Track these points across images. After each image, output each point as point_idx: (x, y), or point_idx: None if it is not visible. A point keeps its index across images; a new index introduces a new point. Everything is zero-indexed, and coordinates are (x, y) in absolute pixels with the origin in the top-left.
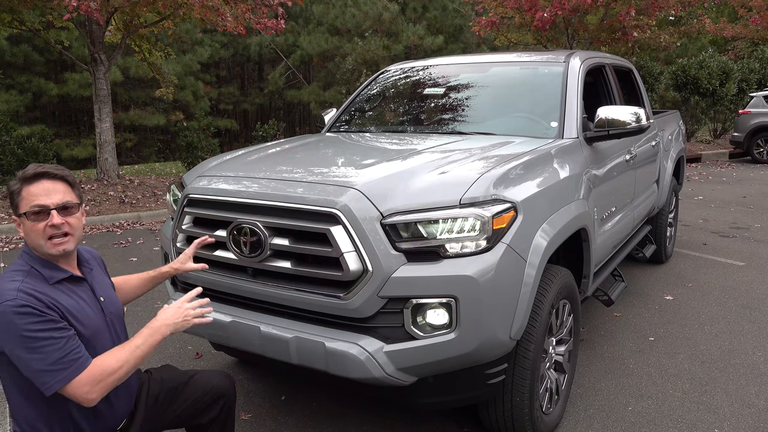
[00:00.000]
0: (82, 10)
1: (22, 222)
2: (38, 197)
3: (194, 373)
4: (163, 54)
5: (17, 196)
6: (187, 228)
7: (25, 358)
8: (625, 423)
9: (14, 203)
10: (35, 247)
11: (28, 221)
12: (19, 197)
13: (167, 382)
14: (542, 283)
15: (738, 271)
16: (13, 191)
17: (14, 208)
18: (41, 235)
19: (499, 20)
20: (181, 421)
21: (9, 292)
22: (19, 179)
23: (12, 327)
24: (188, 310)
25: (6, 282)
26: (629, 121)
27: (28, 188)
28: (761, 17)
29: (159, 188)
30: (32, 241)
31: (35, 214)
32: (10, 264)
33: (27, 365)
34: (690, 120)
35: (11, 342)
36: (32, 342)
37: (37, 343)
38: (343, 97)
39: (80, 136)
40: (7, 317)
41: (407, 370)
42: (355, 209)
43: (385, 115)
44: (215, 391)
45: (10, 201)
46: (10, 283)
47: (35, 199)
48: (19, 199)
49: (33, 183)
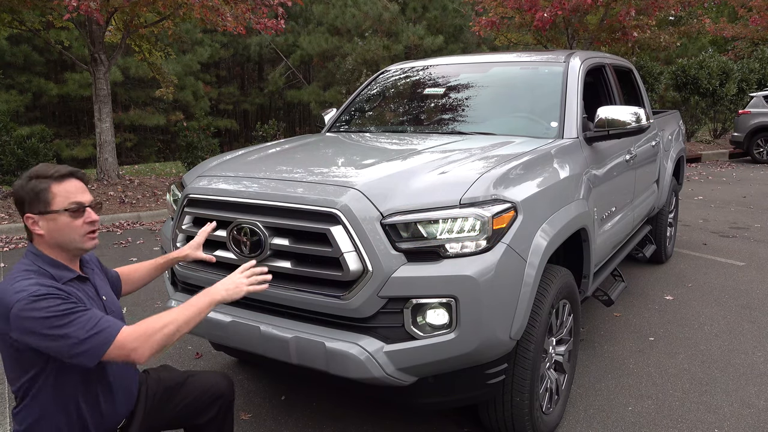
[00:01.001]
0: (82, 10)
1: (54, 219)
2: (75, 195)
3: (192, 374)
4: (163, 54)
5: (46, 193)
6: (187, 228)
7: (62, 335)
8: (625, 423)
9: (42, 200)
10: (67, 243)
11: (65, 218)
12: (50, 194)
13: (165, 381)
14: (542, 283)
15: (738, 271)
16: (40, 189)
17: (41, 204)
18: (78, 230)
19: (499, 20)
20: (180, 421)
21: (27, 287)
22: (46, 177)
23: (39, 313)
24: (242, 280)
25: (21, 280)
26: (629, 121)
27: (60, 186)
28: (761, 17)
29: (159, 188)
30: (66, 237)
31: (74, 211)
32: (10, 264)
33: (66, 341)
34: (690, 120)
35: (42, 327)
36: (63, 318)
37: (69, 317)
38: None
39: (80, 136)
40: (32, 306)
41: (407, 370)
42: (355, 209)
43: (385, 115)
44: (213, 391)
45: (33, 199)
46: (25, 281)
47: (72, 197)
48: (51, 196)
49: (64, 181)
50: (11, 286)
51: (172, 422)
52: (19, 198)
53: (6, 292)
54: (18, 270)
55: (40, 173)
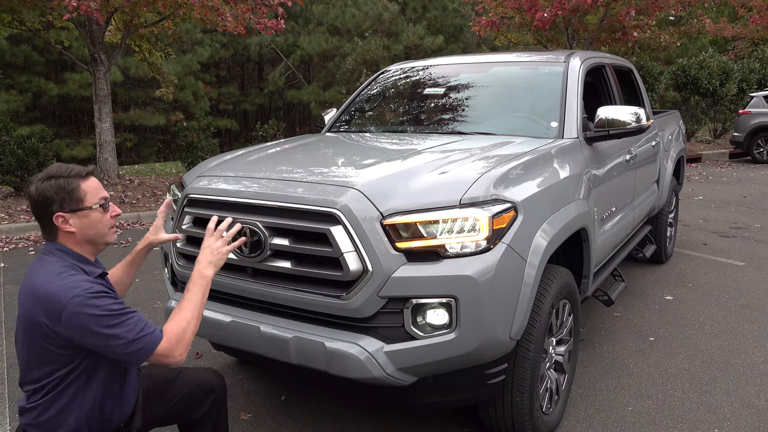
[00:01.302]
0: (82, 10)
1: (86, 215)
2: (100, 191)
3: (181, 370)
4: (163, 54)
5: (78, 191)
6: (187, 228)
7: (113, 334)
8: (625, 423)
9: (75, 198)
10: (97, 238)
11: (97, 213)
12: (82, 192)
13: (156, 378)
14: (542, 283)
15: (738, 271)
16: (72, 188)
17: (75, 202)
18: (107, 225)
19: (499, 20)
20: (173, 417)
21: (81, 283)
22: (71, 176)
23: (95, 311)
24: (219, 245)
25: (67, 277)
26: (629, 121)
27: (87, 183)
28: (761, 17)
29: (159, 188)
30: (97, 232)
31: (103, 207)
32: (10, 264)
33: (116, 341)
34: (690, 120)
35: (96, 325)
36: (118, 317)
37: (122, 317)
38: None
39: (80, 136)
40: (89, 302)
41: (407, 370)
42: (355, 209)
43: (385, 115)
44: (205, 386)
45: (67, 198)
46: (71, 277)
47: (100, 192)
48: (83, 194)
49: (89, 179)
50: (60, 282)
51: (166, 417)
52: (46, 198)
53: (54, 288)
54: (53, 267)
55: (61, 173)
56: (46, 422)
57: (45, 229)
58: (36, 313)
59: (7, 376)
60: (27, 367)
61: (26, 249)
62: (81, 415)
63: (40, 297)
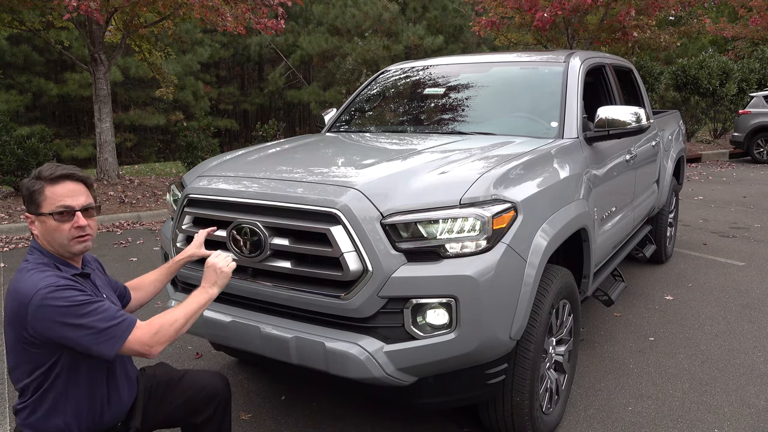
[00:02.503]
0: (82, 10)
1: (43, 221)
2: (64, 198)
3: (186, 372)
4: (163, 54)
5: (39, 195)
6: (187, 228)
7: (82, 324)
8: (625, 423)
9: (34, 201)
10: (56, 246)
11: (53, 221)
12: (42, 196)
13: (160, 378)
14: (542, 283)
15: (738, 271)
16: (33, 190)
17: (33, 206)
18: (66, 235)
19: (499, 20)
20: (174, 420)
21: (48, 279)
22: (41, 178)
23: (60, 302)
24: (222, 266)
25: (36, 273)
26: (629, 121)
27: (52, 188)
28: (761, 17)
29: (159, 188)
30: (54, 240)
31: (60, 215)
32: (10, 264)
33: (86, 331)
34: (690, 120)
35: (63, 316)
36: (84, 307)
37: (90, 306)
38: (343, 97)
39: (80, 136)
40: (53, 295)
41: (407, 370)
42: (355, 209)
43: (385, 115)
44: (208, 390)
45: (28, 199)
46: (40, 273)
47: (61, 200)
48: (42, 199)
49: (58, 183)
50: (28, 278)
51: (168, 420)
52: (22, 196)
53: (23, 285)
54: (29, 265)
55: (41, 174)
56: (36, 423)
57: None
58: (10, 310)
59: (7, 377)
60: (13, 367)
61: (26, 249)
62: (69, 416)
63: (11, 294)
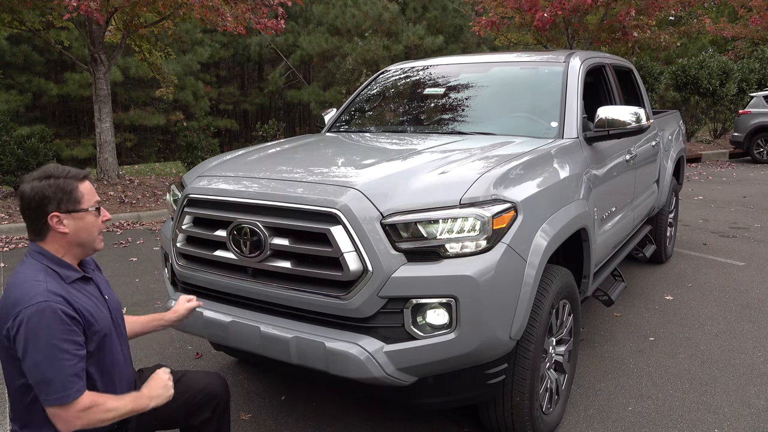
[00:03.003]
0: (82, 10)
1: (82, 217)
2: (93, 194)
3: (185, 373)
4: (163, 54)
5: (75, 192)
6: (187, 228)
7: (41, 364)
8: (625, 423)
9: (74, 199)
10: (88, 242)
11: (92, 216)
12: (79, 193)
13: None
14: (542, 283)
15: (738, 271)
16: (72, 188)
17: (72, 203)
18: (98, 229)
19: (499, 20)
20: (173, 422)
21: (40, 294)
22: (69, 177)
23: (42, 330)
24: (168, 382)
25: (30, 282)
26: (629, 121)
27: (84, 185)
28: (761, 17)
29: (159, 188)
30: (89, 235)
31: (97, 210)
32: (10, 264)
33: (42, 372)
34: (690, 120)
35: (36, 344)
36: (57, 352)
37: (61, 354)
38: (343, 97)
39: (80, 136)
40: (42, 319)
41: (407, 370)
42: (355, 209)
43: (385, 115)
44: (207, 391)
45: (66, 197)
46: (34, 283)
47: (94, 197)
48: (80, 195)
49: (85, 182)
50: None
51: (166, 422)
52: (43, 197)
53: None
54: (25, 270)
55: (58, 173)
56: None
57: (33, 229)
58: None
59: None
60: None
61: (26, 249)
62: None
63: (2, 300)
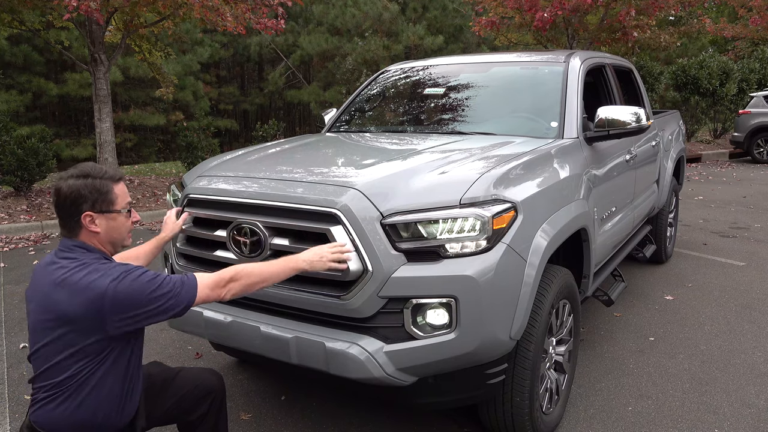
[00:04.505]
0: (82, 10)
1: (115, 218)
2: (127, 196)
3: (180, 369)
4: (163, 54)
5: (110, 193)
6: (187, 228)
7: (161, 294)
8: (625, 423)
9: (108, 200)
10: (117, 241)
11: (122, 217)
12: (113, 194)
13: (154, 377)
14: (542, 283)
15: (738, 271)
16: (107, 190)
17: (106, 204)
18: (128, 229)
19: (499, 20)
20: (170, 418)
21: (110, 271)
22: (105, 178)
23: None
24: (326, 252)
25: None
26: (629, 121)
27: (118, 187)
28: (761, 17)
29: (159, 188)
30: (119, 235)
31: (128, 212)
32: (10, 264)
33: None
34: (690, 120)
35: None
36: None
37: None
38: (343, 97)
39: (80, 136)
40: (127, 279)
41: (407, 370)
42: (355, 209)
43: (385, 115)
44: (202, 387)
45: (101, 198)
46: (102, 265)
47: (126, 197)
48: (114, 197)
49: (120, 183)
50: (90, 276)
51: (162, 418)
52: (79, 196)
53: (89, 284)
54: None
55: (95, 173)
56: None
57: (67, 227)
58: (70, 305)
59: (7, 377)
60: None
61: (26, 249)
62: (98, 408)
63: (79, 289)
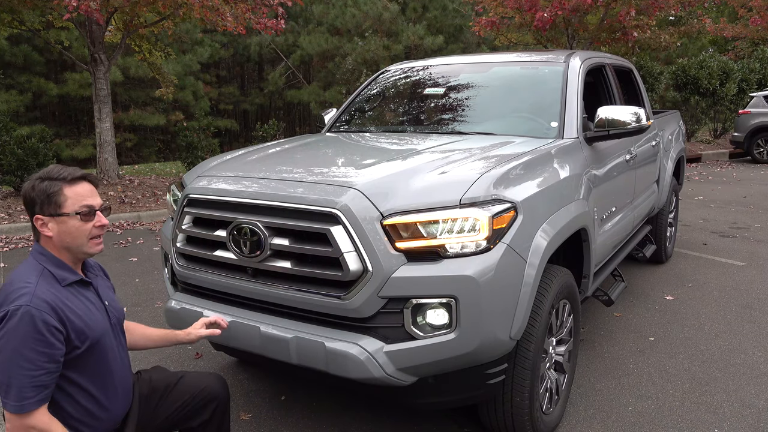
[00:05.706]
0: (82, 10)
1: (64, 221)
2: (85, 198)
3: (183, 375)
4: (163, 54)
5: (59, 195)
6: (187, 228)
7: (3, 366)
8: (625, 423)
9: (54, 202)
10: (73, 247)
11: (75, 221)
12: (62, 197)
13: (156, 382)
14: (542, 283)
15: (738, 271)
16: (53, 191)
17: (53, 206)
18: (86, 234)
19: (499, 20)
20: (172, 424)
21: (24, 297)
22: (58, 179)
23: (14, 334)
24: None
25: (21, 282)
26: (629, 121)
27: (72, 188)
28: (761, 17)
29: (159, 188)
30: (73, 241)
31: (85, 215)
32: (10, 264)
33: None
34: (690, 120)
35: (6, 345)
36: (21, 360)
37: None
38: (343, 97)
39: (80, 136)
40: (18, 323)
41: (407, 370)
42: (355, 209)
43: (385, 115)
44: (205, 393)
45: (45, 200)
46: (24, 285)
47: (83, 200)
48: (63, 199)
49: (77, 184)
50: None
51: (164, 424)
52: (30, 199)
53: (8, 292)
54: (22, 270)
55: (51, 175)
56: None
57: (33, 229)
58: None
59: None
60: None
61: (26, 249)
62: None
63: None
